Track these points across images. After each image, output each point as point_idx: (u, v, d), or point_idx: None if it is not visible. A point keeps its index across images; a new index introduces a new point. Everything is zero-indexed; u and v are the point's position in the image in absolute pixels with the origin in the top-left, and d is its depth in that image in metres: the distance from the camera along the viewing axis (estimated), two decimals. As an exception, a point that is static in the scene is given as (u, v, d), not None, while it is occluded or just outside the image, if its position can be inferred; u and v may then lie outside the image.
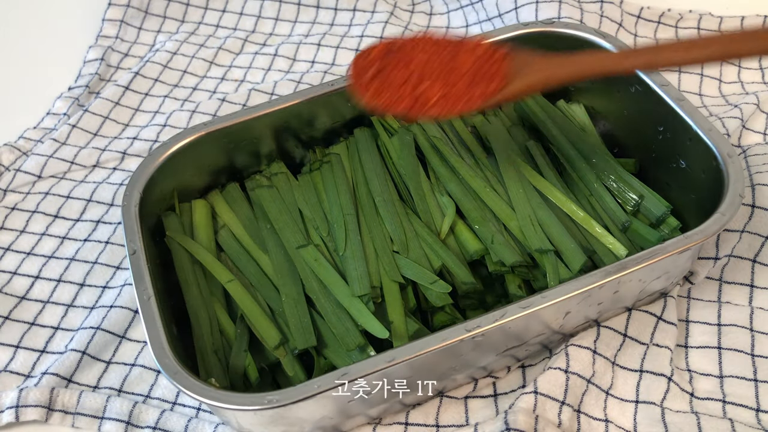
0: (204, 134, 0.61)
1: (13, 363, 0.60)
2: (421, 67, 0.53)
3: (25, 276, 0.66)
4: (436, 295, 0.54)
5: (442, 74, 0.53)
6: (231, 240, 0.61)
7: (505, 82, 0.52)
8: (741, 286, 0.60)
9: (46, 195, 0.72)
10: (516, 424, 0.50)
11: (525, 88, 0.51)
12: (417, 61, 0.53)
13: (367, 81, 0.53)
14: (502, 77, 0.52)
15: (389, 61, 0.54)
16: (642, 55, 0.49)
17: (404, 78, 0.53)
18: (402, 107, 0.52)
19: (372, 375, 0.46)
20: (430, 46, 0.54)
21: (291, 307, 0.54)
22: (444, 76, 0.52)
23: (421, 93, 0.52)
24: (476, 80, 0.52)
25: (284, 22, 0.92)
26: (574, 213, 0.59)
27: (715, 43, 0.45)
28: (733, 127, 0.71)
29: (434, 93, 0.52)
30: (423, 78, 0.52)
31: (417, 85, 0.52)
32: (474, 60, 0.53)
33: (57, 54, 0.90)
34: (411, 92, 0.52)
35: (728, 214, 0.51)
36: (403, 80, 0.53)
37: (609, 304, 0.55)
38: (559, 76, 0.51)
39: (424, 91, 0.52)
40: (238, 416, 0.48)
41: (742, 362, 0.55)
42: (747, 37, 0.44)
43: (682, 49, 0.46)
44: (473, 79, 0.52)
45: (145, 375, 0.59)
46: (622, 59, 0.49)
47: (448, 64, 0.53)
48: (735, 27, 0.83)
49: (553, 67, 0.52)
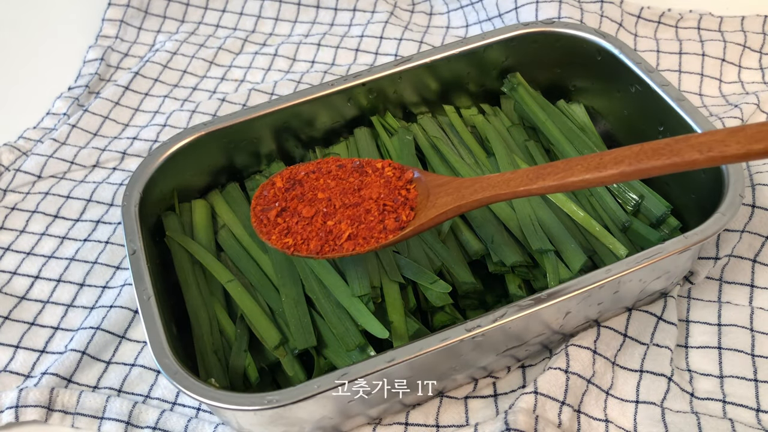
0: (204, 134, 0.61)
1: (12, 363, 0.60)
2: (326, 201, 0.51)
3: (24, 276, 0.66)
4: (436, 295, 0.54)
5: (349, 208, 0.51)
6: (231, 240, 0.61)
7: (414, 213, 0.50)
8: (741, 286, 0.60)
9: (45, 195, 0.72)
10: (516, 424, 0.50)
11: (436, 218, 0.49)
12: (322, 195, 0.52)
13: (272, 220, 0.51)
14: (411, 204, 0.51)
15: (294, 195, 0.52)
16: (550, 177, 0.46)
17: (310, 215, 0.51)
18: (312, 247, 0.50)
19: (372, 375, 0.46)
20: (334, 174, 0.53)
21: (291, 307, 0.54)
22: (352, 209, 0.51)
23: (330, 230, 0.50)
24: (386, 211, 0.50)
25: (284, 22, 0.92)
26: (574, 213, 0.59)
27: (625, 160, 0.44)
28: (734, 127, 0.71)
29: (344, 230, 0.50)
30: (330, 214, 0.51)
31: (325, 222, 0.50)
32: (381, 186, 0.51)
33: (57, 54, 0.90)
34: (319, 230, 0.50)
35: (728, 214, 0.51)
36: (308, 217, 0.51)
37: (609, 304, 0.55)
38: (470, 203, 0.49)
39: (332, 228, 0.50)
40: (238, 416, 0.48)
41: (743, 362, 0.55)
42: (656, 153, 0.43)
43: (594, 167, 0.45)
44: (383, 210, 0.50)
45: (145, 375, 0.59)
46: (532, 182, 0.47)
47: (355, 194, 0.51)
48: (735, 27, 0.83)
49: (464, 193, 0.49)
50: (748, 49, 0.81)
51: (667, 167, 0.43)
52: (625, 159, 0.44)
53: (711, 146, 0.41)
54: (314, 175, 0.53)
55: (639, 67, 0.62)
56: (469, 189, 0.50)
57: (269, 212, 0.52)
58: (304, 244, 0.50)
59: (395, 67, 0.65)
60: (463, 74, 0.68)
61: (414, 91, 0.67)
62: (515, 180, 0.48)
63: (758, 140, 0.40)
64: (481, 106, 0.71)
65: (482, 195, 0.49)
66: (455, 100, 0.70)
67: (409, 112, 0.69)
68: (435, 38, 0.87)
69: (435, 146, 0.64)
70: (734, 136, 0.41)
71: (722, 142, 0.41)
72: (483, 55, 0.67)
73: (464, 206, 0.49)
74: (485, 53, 0.67)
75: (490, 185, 0.49)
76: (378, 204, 0.50)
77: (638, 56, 0.62)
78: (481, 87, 0.70)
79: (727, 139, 0.41)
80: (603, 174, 0.44)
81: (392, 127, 0.66)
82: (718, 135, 0.42)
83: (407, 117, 0.69)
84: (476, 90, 0.70)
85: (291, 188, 0.53)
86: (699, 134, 0.42)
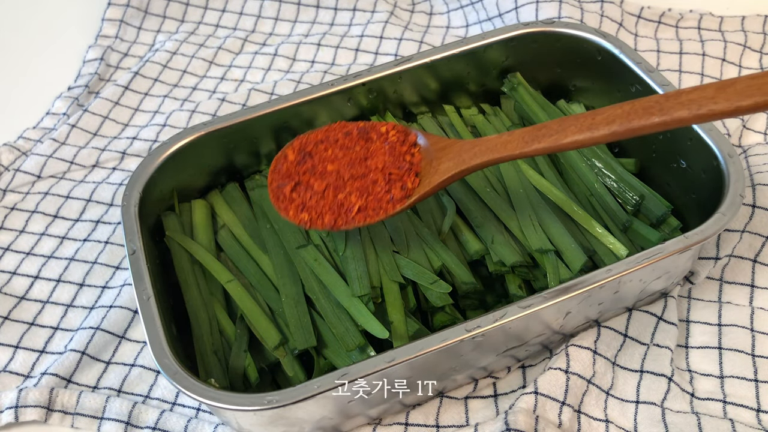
0: (204, 134, 0.61)
1: (12, 363, 0.60)
2: (336, 174, 0.53)
3: (24, 276, 0.66)
4: (436, 295, 0.54)
5: (357, 179, 0.52)
6: (231, 240, 0.61)
7: (419, 179, 0.52)
8: (741, 286, 0.60)
9: (45, 195, 0.72)
10: (516, 424, 0.50)
11: (440, 184, 0.51)
12: (331, 167, 0.53)
13: (287, 196, 0.53)
14: (416, 170, 0.52)
15: (305, 168, 0.54)
16: (545, 138, 0.47)
17: (322, 189, 0.53)
18: (327, 221, 0.52)
19: (372, 375, 0.46)
20: (341, 144, 0.54)
21: (291, 307, 0.54)
22: (359, 181, 0.52)
23: (341, 203, 0.52)
24: (392, 180, 0.52)
25: (284, 22, 0.92)
26: (574, 213, 0.59)
27: (616, 120, 0.45)
28: (734, 127, 0.71)
29: (354, 202, 0.52)
30: (340, 187, 0.52)
31: (336, 195, 0.52)
32: (386, 154, 0.53)
33: (57, 54, 0.90)
34: (331, 204, 0.52)
35: (729, 214, 0.51)
36: (320, 191, 0.52)
37: (609, 304, 0.55)
38: (471, 167, 0.50)
39: (343, 201, 0.52)
40: (237, 416, 0.48)
41: (743, 362, 0.55)
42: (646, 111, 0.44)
43: (586, 128, 0.46)
44: (389, 179, 0.52)
45: (145, 375, 0.59)
46: (528, 144, 0.48)
47: (362, 165, 0.53)
48: (735, 27, 0.83)
49: (465, 158, 0.51)
50: (749, 49, 0.81)
51: (657, 126, 0.43)
52: (616, 119, 0.45)
53: (700, 103, 0.42)
54: (323, 145, 0.55)
55: (639, 67, 0.62)
56: (469, 153, 0.51)
57: (284, 188, 0.54)
58: (319, 219, 0.52)
59: (395, 67, 0.65)
60: (463, 74, 0.68)
61: (414, 91, 0.67)
62: (512, 142, 0.49)
63: (747, 95, 0.40)
64: (481, 106, 0.71)
65: (482, 159, 0.50)
66: (455, 100, 0.70)
67: (409, 112, 0.69)
68: (435, 38, 0.87)
69: (435, 146, 0.64)
70: (723, 92, 0.41)
71: (711, 99, 0.41)
72: (483, 55, 0.67)
73: (466, 171, 0.51)
74: (485, 53, 0.67)
75: (488, 148, 0.50)
76: (384, 173, 0.52)
77: (638, 56, 0.62)
78: (481, 87, 0.70)
79: (717, 96, 0.41)
80: (595, 134, 0.45)
81: (392, 127, 0.66)
82: (708, 91, 0.42)
83: (407, 117, 0.69)
84: (476, 90, 0.70)
85: (302, 161, 0.54)
86: (689, 90, 0.43)
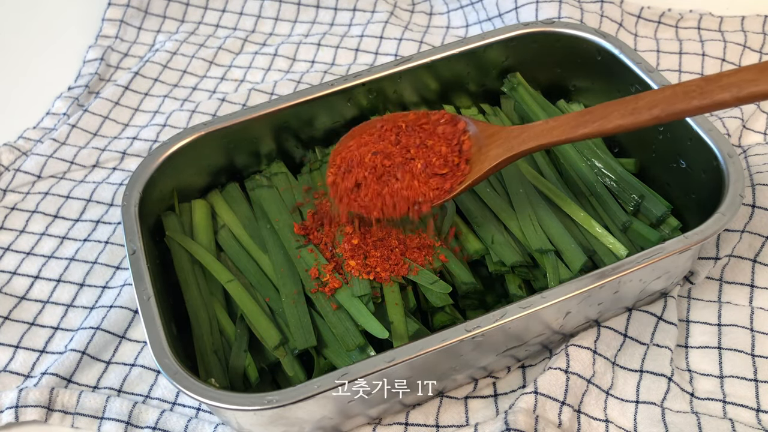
0: (204, 134, 0.61)
1: (12, 363, 0.60)
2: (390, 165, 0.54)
3: (24, 276, 0.66)
4: (436, 296, 0.54)
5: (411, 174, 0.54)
6: (231, 240, 0.61)
7: (469, 167, 0.54)
8: (741, 286, 0.60)
9: (45, 195, 0.72)
10: (516, 424, 0.50)
11: (489, 170, 0.52)
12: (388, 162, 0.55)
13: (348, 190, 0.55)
14: (466, 157, 0.54)
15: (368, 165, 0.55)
16: (590, 124, 0.49)
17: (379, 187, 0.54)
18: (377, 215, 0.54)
19: (372, 375, 0.46)
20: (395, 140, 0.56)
21: (291, 307, 0.54)
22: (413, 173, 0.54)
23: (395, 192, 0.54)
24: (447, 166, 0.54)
25: (284, 22, 0.92)
26: (574, 213, 0.59)
27: (658, 105, 0.45)
28: (734, 127, 0.71)
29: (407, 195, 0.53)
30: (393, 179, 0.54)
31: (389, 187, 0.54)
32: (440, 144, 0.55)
33: (57, 54, 0.90)
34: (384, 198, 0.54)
35: (728, 214, 0.51)
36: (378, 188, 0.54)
37: (609, 304, 0.55)
38: (519, 153, 0.52)
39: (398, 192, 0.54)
40: (237, 416, 0.48)
41: (743, 362, 0.55)
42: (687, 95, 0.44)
43: (629, 113, 0.47)
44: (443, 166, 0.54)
45: (145, 375, 0.59)
46: (574, 129, 0.49)
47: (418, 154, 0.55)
48: (735, 27, 0.83)
49: (513, 144, 0.52)
50: (749, 49, 0.81)
51: (698, 109, 0.44)
52: (658, 104, 0.45)
53: (741, 86, 0.42)
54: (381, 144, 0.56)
55: (639, 67, 0.61)
56: (517, 139, 0.52)
57: (346, 182, 0.55)
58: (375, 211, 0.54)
59: (395, 67, 0.65)
60: (463, 74, 0.68)
61: (414, 91, 0.67)
62: (558, 128, 0.50)
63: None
64: (481, 106, 0.71)
65: (529, 145, 0.51)
66: (455, 100, 0.70)
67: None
68: (435, 38, 0.87)
69: (435, 146, 0.64)
70: (764, 74, 0.41)
71: (753, 81, 0.42)
72: (483, 55, 0.67)
73: (514, 156, 0.52)
74: (485, 53, 0.67)
75: (535, 134, 0.51)
76: (438, 162, 0.54)
77: (638, 56, 0.62)
78: (481, 87, 0.70)
79: (758, 78, 0.42)
80: (638, 119, 0.46)
81: (392, 127, 0.66)
82: (749, 73, 0.42)
83: (407, 117, 0.69)
84: (476, 90, 0.70)
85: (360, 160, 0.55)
86: (729, 73, 0.43)
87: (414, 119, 0.57)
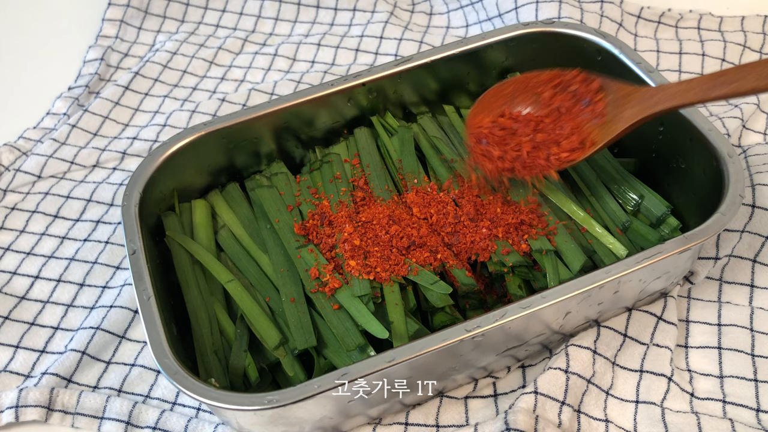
0: (204, 134, 0.61)
1: (13, 363, 0.60)
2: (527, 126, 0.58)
3: (25, 276, 0.66)
4: (436, 296, 0.54)
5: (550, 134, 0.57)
6: (231, 240, 0.61)
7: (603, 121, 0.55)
8: (741, 286, 0.60)
9: (45, 195, 0.72)
10: (516, 424, 0.50)
11: (624, 130, 0.54)
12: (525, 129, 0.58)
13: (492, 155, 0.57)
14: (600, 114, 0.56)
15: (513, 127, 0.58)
16: (725, 86, 0.49)
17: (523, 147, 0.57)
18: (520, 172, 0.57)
19: (372, 375, 0.46)
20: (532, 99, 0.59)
21: (291, 307, 0.54)
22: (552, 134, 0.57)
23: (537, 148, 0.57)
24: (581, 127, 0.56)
25: (284, 22, 0.92)
26: (574, 213, 0.59)
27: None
28: (734, 127, 0.71)
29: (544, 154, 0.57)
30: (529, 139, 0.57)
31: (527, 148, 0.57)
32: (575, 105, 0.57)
33: (57, 54, 0.90)
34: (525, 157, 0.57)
35: (728, 214, 0.51)
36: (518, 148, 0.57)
37: (609, 304, 0.55)
38: (654, 114, 0.53)
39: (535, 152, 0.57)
40: (238, 416, 0.48)
41: (742, 362, 0.55)
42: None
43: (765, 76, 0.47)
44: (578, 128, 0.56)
45: (145, 375, 0.59)
46: (710, 90, 0.50)
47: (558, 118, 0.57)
48: (735, 27, 0.83)
49: (648, 104, 0.53)
50: (748, 49, 0.81)
51: None
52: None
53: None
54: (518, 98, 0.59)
55: (639, 67, 0.62)
56: (652, 99, 0.53)
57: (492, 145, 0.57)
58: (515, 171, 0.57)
59: (395, 67, 0.65)
60: (463, 74, 0.68)
61: (414, 91, 0.67)
62: (693, 90, 0.51)
63: None
64: (481, 106, 0.71)
65: (665, 105, 0.52)
66: (455, 100, 0.70)
67: (409, 112, 0.69)
68: (435, 38, 0.87)
69: (435, 146, 0.64)
70: None
71: None
72: (483, 55, 0.67)
73: (649, 117, 0.53)
74: (485, 53, 0.67)
75: (671, 95, 0.52)
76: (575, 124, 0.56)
77: (638, 56, 0.62)
78: (481, 87, 0.70)
79: None
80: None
81: (392, 127, 0.66)
82: None
83: (407, 117, 0.69)
84: (476, 90, 0.70)
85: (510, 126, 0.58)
86: None
87: (547, 78, 0.59)
